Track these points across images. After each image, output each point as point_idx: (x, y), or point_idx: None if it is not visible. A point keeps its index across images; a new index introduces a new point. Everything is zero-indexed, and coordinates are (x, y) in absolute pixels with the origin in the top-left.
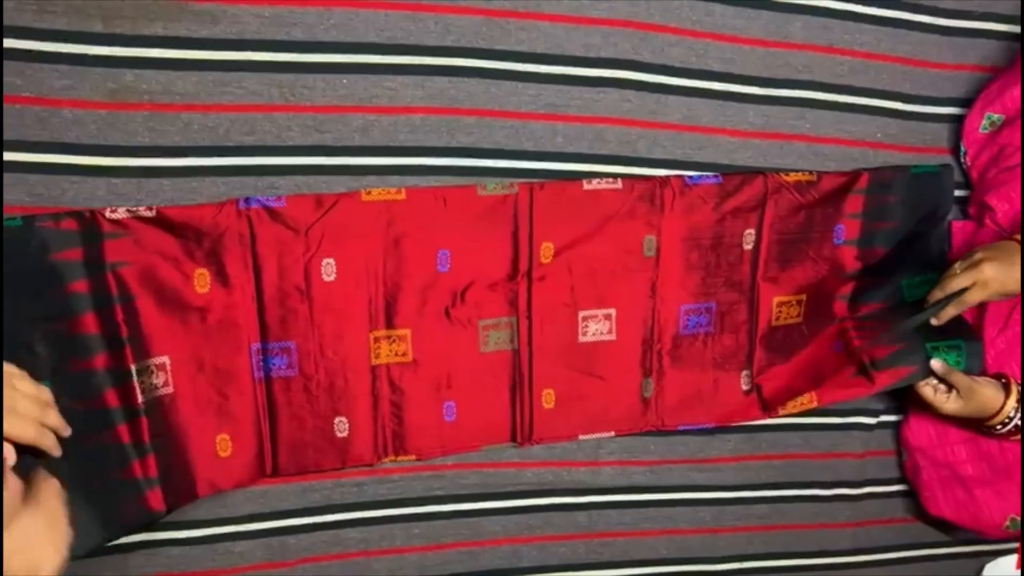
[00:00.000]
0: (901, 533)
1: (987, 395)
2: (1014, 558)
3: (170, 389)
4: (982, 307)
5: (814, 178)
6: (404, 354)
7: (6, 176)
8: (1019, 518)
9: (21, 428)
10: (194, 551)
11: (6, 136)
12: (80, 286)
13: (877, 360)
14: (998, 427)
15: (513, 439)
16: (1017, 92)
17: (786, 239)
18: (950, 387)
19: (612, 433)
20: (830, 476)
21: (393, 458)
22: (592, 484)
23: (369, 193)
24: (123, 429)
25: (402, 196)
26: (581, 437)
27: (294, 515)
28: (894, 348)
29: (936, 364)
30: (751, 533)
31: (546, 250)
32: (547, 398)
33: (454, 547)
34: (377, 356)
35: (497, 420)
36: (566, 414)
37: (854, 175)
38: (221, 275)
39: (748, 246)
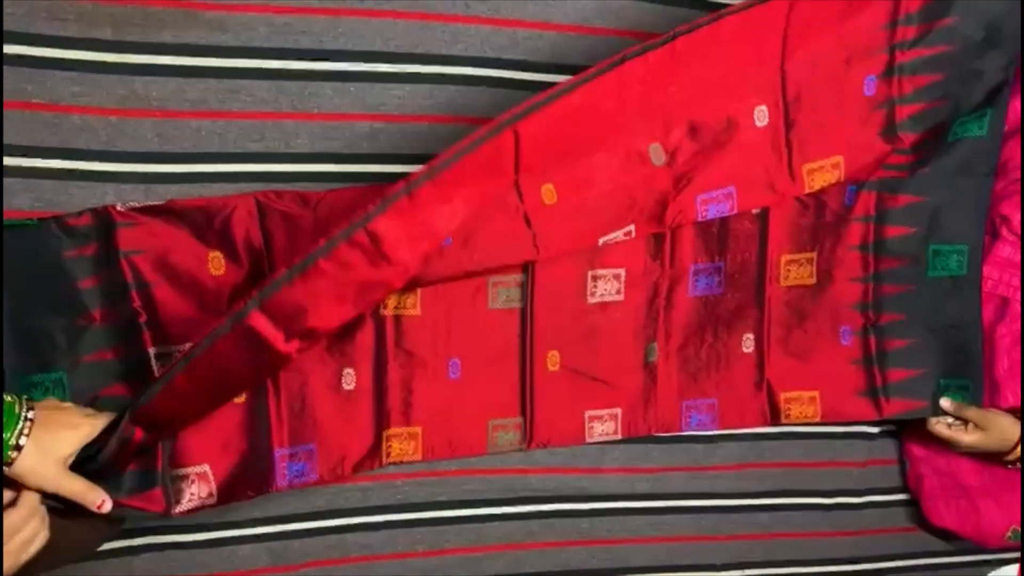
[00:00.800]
0: (903, 542)
1: (1004, 425)
2: (1015, 568)
3: None
4: (999, 316)
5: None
6: (413, 306)
7: (15, 181)
8: (1020, 529)
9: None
10: (199, 554)
11: (16, 141)
12: (94, 281)
13: (890, 384)
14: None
15: (521, 413)
16: (1019, 104)
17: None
18: (964, 423)
19: (618, 410)
20: (832, 485)
21: (397, 458)
22: (595, 491)
23: None
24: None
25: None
26: (587, 413)
27: (298, 519)
28: (910, 373)
29: (946, 403)
30: (753, 541)
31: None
32: (552, 360)
33: (457, 552)
34: (384, 307)
35: (504, 384)
36: (570, 378)
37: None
38: (234, 256)
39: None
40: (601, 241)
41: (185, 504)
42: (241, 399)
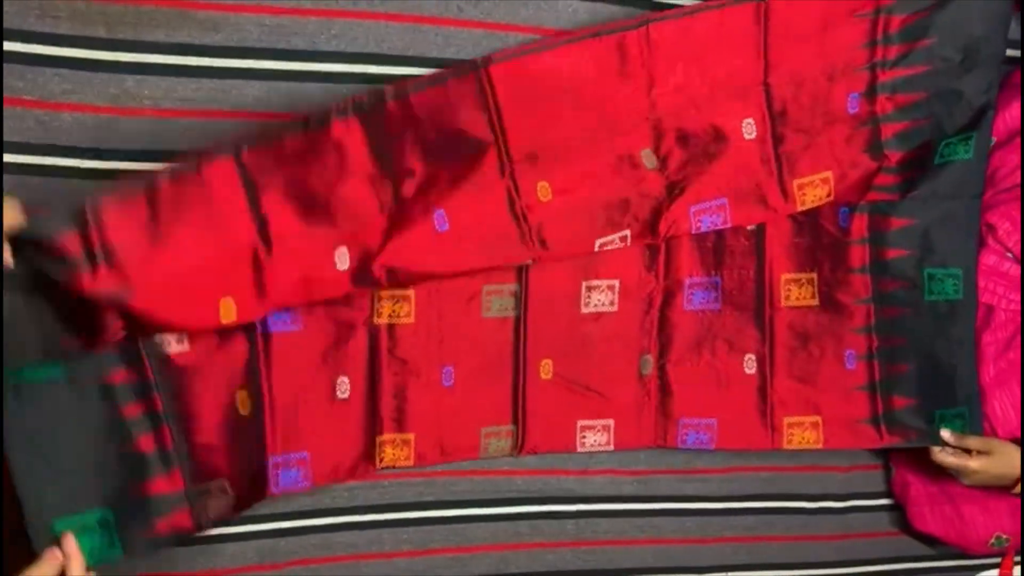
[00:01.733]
0: (886, 546)
1: (1008, 449)
2: (997, 573)
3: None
4: (984, 324)
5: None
6: (407, 315)
7: (6, 178)
8: (1004, 535)
9: None
10: (184, 552)
11: (7, 138)
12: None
13: (893, 412)
14: None
15: (514, 421)
16: (1007, 114)
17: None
18: (968, 451)
19: (611, 422)
20: (816, 489)
21: (390, 464)
22: (581, 493)
23: None
24: (132, 408)
25: None
26: (579, 422)
27: (284, 518)
28: (911, 401)
29: (946, 434)
30: (737, 544)
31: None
32: (544, 368)
33: (443, 552)
34: (378, 315)
35: (496, 391)
36: (562, 387)
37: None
38: None
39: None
40: (597, 244)
41: (213, 516)
42: (246, 411)
